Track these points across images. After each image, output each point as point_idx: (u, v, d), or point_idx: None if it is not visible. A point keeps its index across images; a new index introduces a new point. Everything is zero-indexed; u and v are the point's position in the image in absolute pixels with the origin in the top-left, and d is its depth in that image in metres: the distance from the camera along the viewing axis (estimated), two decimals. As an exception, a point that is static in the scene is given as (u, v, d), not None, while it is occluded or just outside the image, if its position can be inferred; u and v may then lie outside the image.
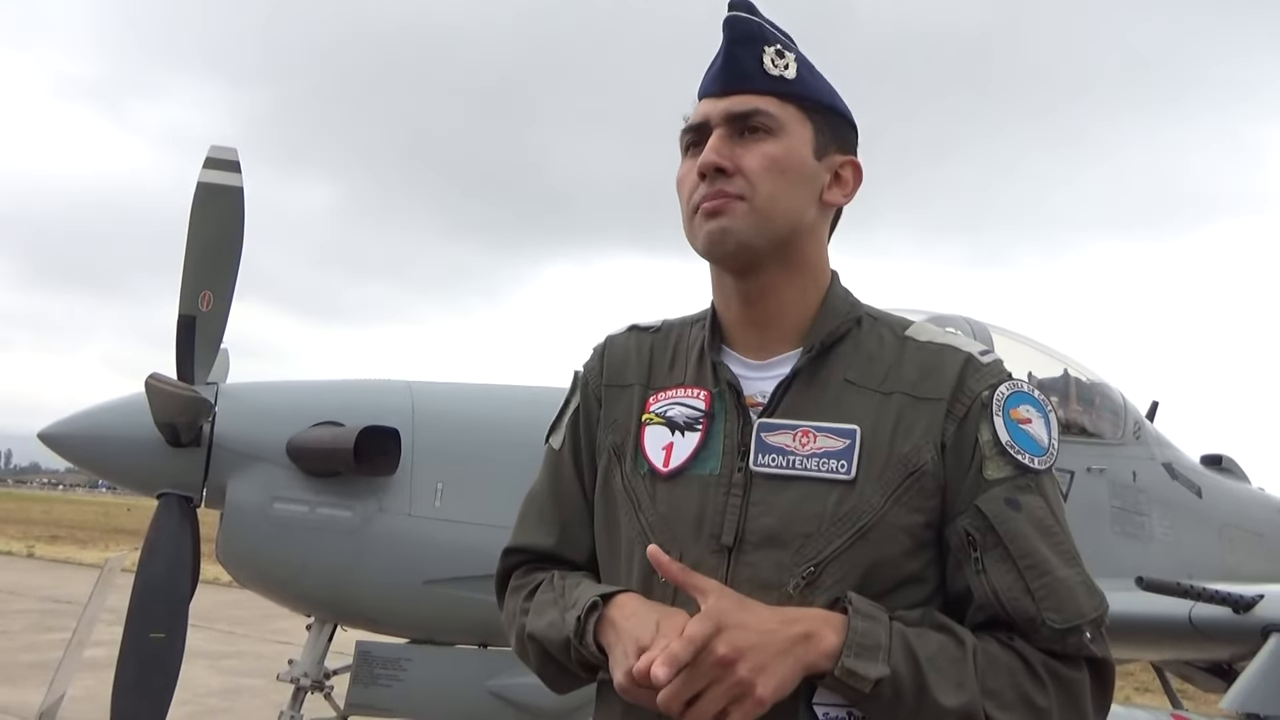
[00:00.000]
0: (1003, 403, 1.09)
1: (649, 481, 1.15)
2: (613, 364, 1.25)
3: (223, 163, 3.20)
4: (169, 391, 2.93)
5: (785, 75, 1.14)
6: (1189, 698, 5.42)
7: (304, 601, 3.31)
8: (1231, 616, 3.13)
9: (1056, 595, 1.03)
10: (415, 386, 3.40)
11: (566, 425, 1.27)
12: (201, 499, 3.15)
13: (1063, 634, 1.03)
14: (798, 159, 1.14)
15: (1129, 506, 4.62)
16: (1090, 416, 4.77)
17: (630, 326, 1.29)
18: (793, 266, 1.16)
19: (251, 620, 10.17)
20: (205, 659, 7.63)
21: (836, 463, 1.06)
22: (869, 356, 1.14)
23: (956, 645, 1.01)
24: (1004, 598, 1.03)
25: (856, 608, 1.00)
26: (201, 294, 3.13)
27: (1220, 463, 5.90)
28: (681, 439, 1.13)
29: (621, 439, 1.19)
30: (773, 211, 1.12)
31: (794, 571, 1.05)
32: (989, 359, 1.14)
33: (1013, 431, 1.08)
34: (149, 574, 3.00)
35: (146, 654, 2.93)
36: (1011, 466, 1.07)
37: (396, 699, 3.21)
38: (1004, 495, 1.06)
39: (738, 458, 1.10)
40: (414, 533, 3.14)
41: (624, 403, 1.21)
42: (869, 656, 0.97)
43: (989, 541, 1.04)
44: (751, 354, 1.17)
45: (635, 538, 1.14)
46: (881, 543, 1.05)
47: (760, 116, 1.13)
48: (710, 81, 1.16)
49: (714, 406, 1.14)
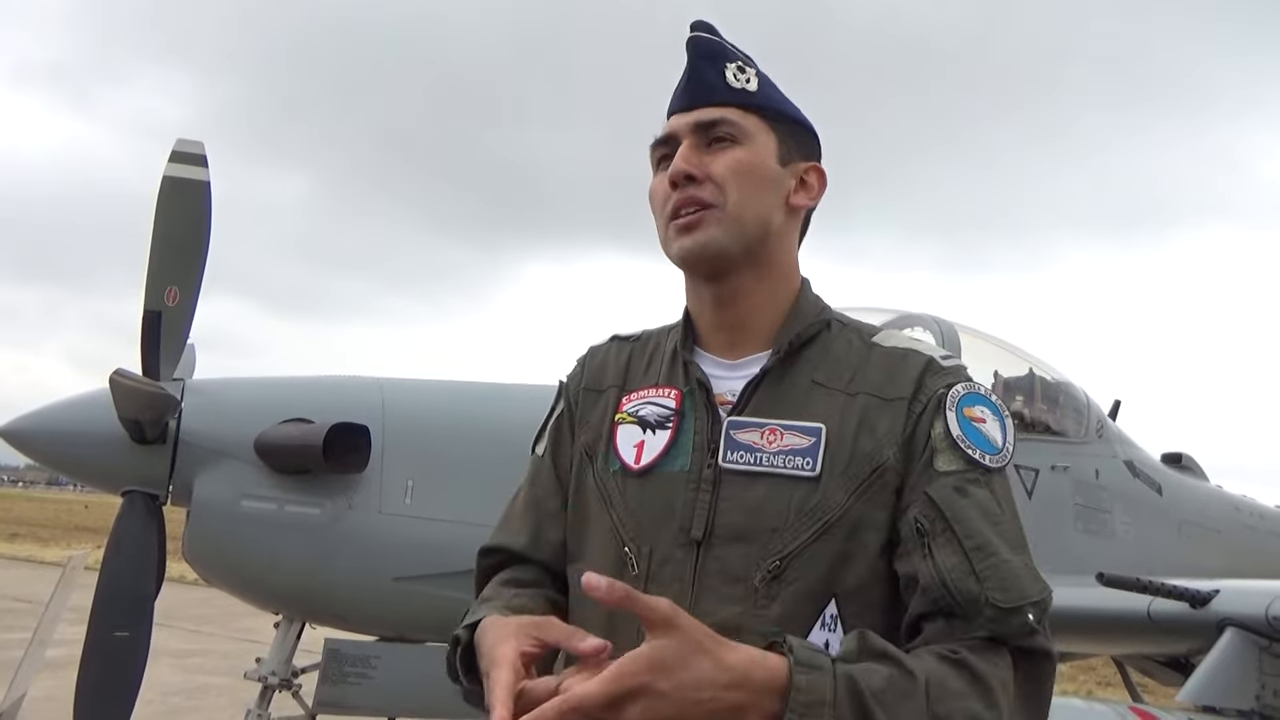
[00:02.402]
0: (957, 400, 1.12)
1: (620, 479, 1.17)
2: (592, 371, 1.30)
3: (189, 156, 3.16)
4: (134, 387, 2.90)
5: (747, 88, 1.19)
6: (1149, 691, 5.52)
7: (272, 599, 3.29)
8: (1189, 611, 3.19)
9: (1000, 575, 1.03)
10: (385, 383, 3.39)
11: (549, 432, 1.31)
12: (167, 496, 3.11)
13: (1006, 613, 1.01)
14: (763, 165, 1.19)
15: (1091, 504, 4.71)
16: (1055, 415, 4.84)
17: (612, 337, 1.34)
18: (763, 269, 1.20)
19: (218, 618, 10.05)
20: (170, 657, 7.53)
21: (802, 460, 1.09)
22: (836, 359, 1.17)
23: (905, 677, 0.95)
24: (949, 579, 1.02)
25: (798, 658, 0.92)
26: (167, 289, 3.09)
27: (1180, 461, 6.02)
28: (653, 437, 1.16)
29: (593, 439, 1.22)
30: (743, 215, 1.16)
31: (760, 565, 1.07)
32: (950, 363, 1.18)
33: (964, 427, 1.10)
34: (113, 572, 2.97)
35: (110, 653, 2.90)
36: (962, 460, 1.09)
37: (365, 697, 3.20)
38: (953, 484, 1.08)
39: (707, 454, 1.13)
40: (384, 530, 3.13)
41: (600, 405, 1.24)
42: (814, 714, 0.90)
43: (937, 528, 1.05)
44: (723, 354, 1.21)
45: (606, 534, 1.16)
46: (845, 538, 1.07)
47: (726, 126, 1.18)
48: (677, 98, 1.22)
49: (684, 405, 1.17)
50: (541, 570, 1.24)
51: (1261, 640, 3.08)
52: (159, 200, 3.12)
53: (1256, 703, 2.99)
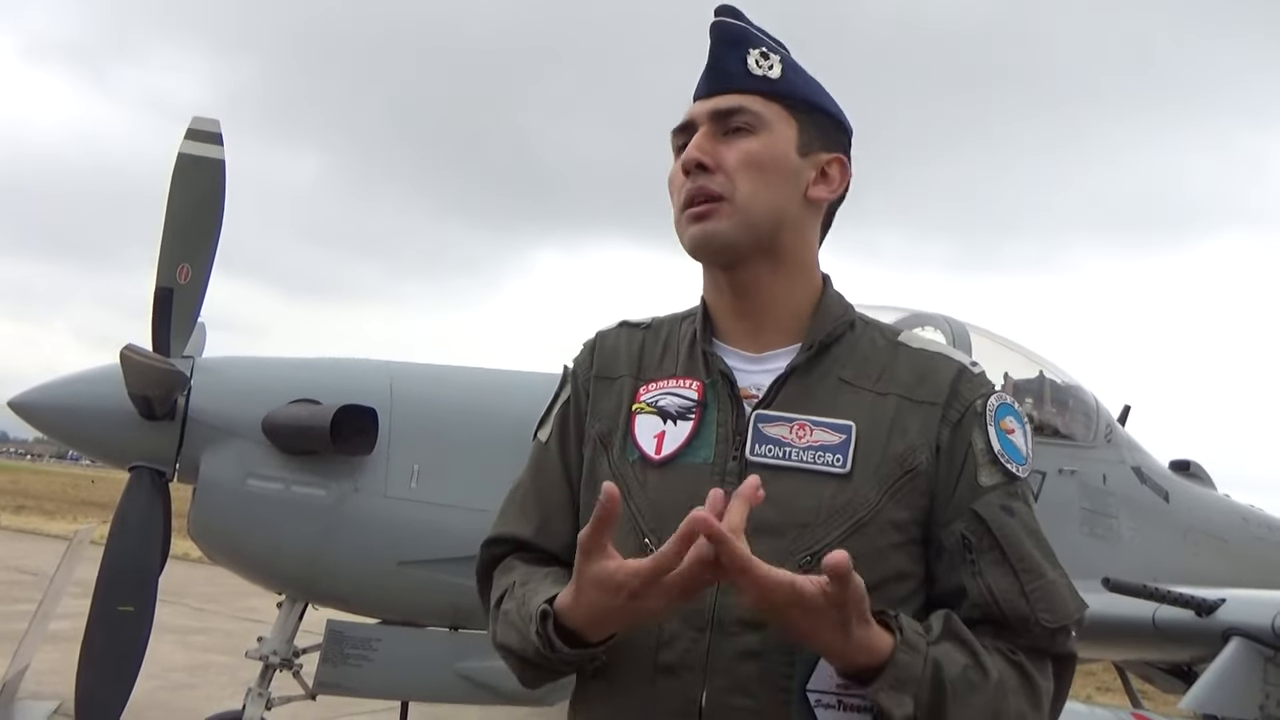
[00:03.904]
0: (994, 413, 1.15)
1: (639, 468, 1.16)
2: (603, 358, 1.27)
3: (204, 134, 3.16)
4: (144, 363, 2.91)
5: (769, 75, 1.18)
6: (1149, 698, 5.51)
7: (276, 579, 3.30)
8: (1194, 619, 3.18)
9: (1049, 597, 1.10)
10: (394, 367, 3.39)
11: (554, 418, 1.28)
12: (174, 473, 3.12)
13: (1052, 633, 1.09)
14: (779, 155, 1.17)
15: (1098, 508, 4.69)
16: (1064, 418, 4.82)
17: (621, 323, 1.31)
18: (778, 261, 1.19)
19: (222, 597, 10.09)
20: (173, 634, 7.57)
21: (833, 456, 1.10)
22: (863, 358, 1.18)
23: (979, 673, 1.03)
24: (1001, 598, 1.08)
25: (905, 637, 1.00)
26: (179, 266, 3.10)
27: (1188, 469, 5.99)
28: (674, 428, 1.15)
29: (609, 428, 1.20)
30: (753, 207, 1.15)
31: (790, 559, 1.06)
32: (977, 370, 1.20)
33: (1002, 441, 1.14)
34: (119, 547, 2.98)
35: (114, 627, 2.91)
36: (1002, 474, 1.13)
37: (366, 679, 3.21)
38: (999, 502, 1.12)
39: (732, 447, 1.12)
40: (389, 514, 3.13)
41: (613, 394, 1.23)
42: (902, 690, 0.99)
43: (985, 545, 1.10)
44: (744, 347, 1.20)
45: (625, 524, 1.13)
46: (875, 536, 1.08)
47: (743, 115, 1.16)
48: (699, 84, 1.21)
49: (706, 396, 1.16)
50: (552, 559, 1.22)
51: (1267, 650, 3.06)
52: (174, 177, 3.13)
53: (1260, 713, 2.98)
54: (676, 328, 1.26)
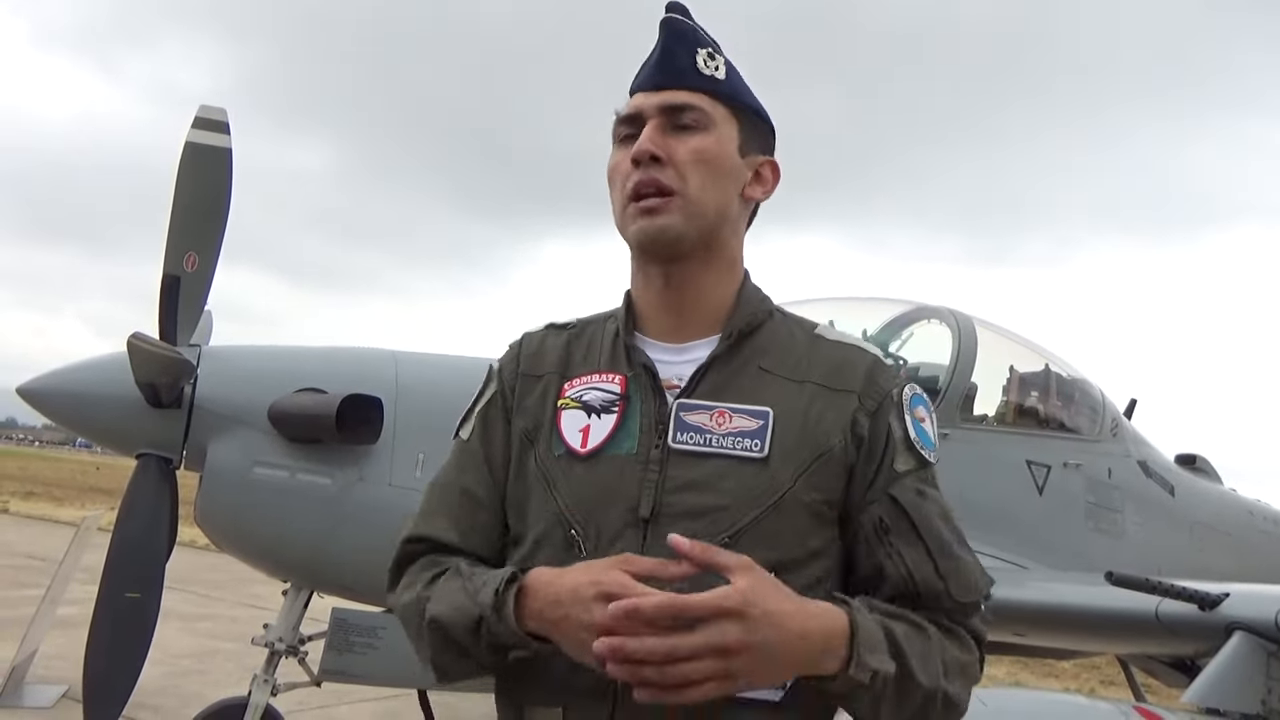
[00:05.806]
0: (909, 402, 1.22)
1: (565, 462, 1.18)
2: (528, 357, 1.30)
3: (211, 123, 3.17)
4: (151, 351, 2.92)
5: (716, 75, 1.22)
6: (1152, 691, 5.51)
7: (281, 567, 3.32)
8: (1198, 613, 3.17)
9: (960, 574, 1.17)
10: (399, 356, 3.40)
11: (476, 417, 1.30)
12: (181, 461, 3.14)
13: (964, 607, 1.17)
14: (724, 154, 1.21)
15: (1103, 502, 4.68)
16: (1069, 412, 4.82)
17: (548, 324, 1.35)
18: (714, 256, 1.23)
19: (228, 584, 10.15)
20: (180, 621, 7.62)
21: (750, 441, 1.15)
22: (781, 347, 1.23)
23: (918, 630, 1.11)
24: (916, 576, 1.15)
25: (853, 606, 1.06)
26: (186, 255, 3.11)
27: (1194, 463, 5.98)
28: (598, 421, 1.19)
29: (534, 424, 1.23)
30: (702, 202, 1.19)
31: (713, 540, 1.08)
32: (890, 361, 1.26)
33: (916, 428, 1.21)
34: (126, 534, 3.00)
35: (121, 613, 2.93)
36: (915, 460, 1.20)
37: (370, 667, 3.23)
38: (914, 486, 1.19)
39: (655, 436, 1.16)
40: (394, 503, 3.13)
41: (538, 391, 1.25)
42: (878, 650, 1.05)
43: (901, 527, 1.16)
44: (667, 339, 1.23)
45: (550, 518, 1.17)
46: (792, 516, 1.14)
47: (693, 112, 1.20)
48: (646, 76, 1.23)
49: (629, 389, 1.20)
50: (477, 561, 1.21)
51: (1270, 645, 3.06)
52: (180, 166, 3.13)
53: (1262, 707, 2.98)
54: (600, 326, 1.30)
